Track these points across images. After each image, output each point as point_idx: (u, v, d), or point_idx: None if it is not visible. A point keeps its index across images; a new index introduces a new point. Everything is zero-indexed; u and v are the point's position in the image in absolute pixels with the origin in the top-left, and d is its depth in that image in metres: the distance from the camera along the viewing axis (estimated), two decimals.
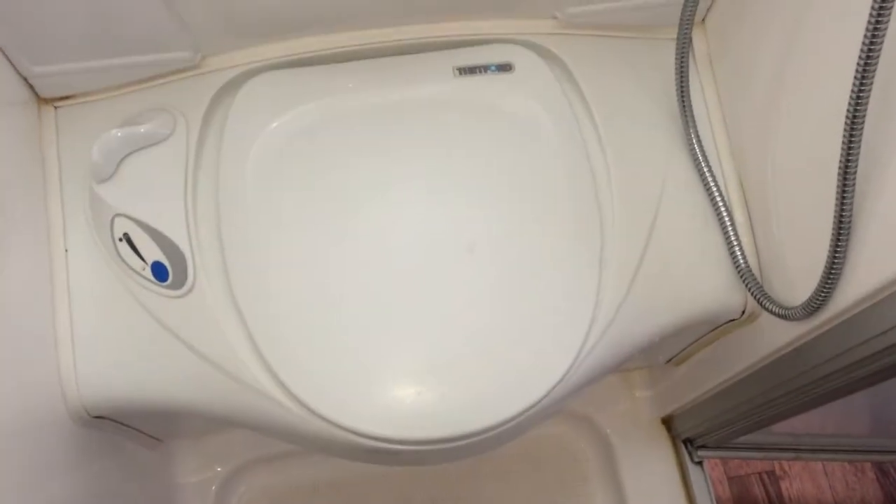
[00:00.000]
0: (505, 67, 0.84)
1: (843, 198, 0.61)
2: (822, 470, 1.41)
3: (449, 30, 0.86)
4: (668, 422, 1.23)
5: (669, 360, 1.12)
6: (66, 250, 0.79)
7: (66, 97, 0.82)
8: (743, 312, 0.85)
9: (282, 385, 0.72)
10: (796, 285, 0.75)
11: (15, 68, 0.77)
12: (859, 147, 0.59)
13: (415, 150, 0.81)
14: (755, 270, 0.81)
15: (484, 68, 0.84)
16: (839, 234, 0.63)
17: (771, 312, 0.76)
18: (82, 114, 0.82)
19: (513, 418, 0.71)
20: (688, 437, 1.20)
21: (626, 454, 1.23)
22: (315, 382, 0.72)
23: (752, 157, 0.81)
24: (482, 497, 1.27)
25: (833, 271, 0.65)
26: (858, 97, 0.57)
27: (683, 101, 0.84)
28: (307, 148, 0.80)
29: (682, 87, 0.83)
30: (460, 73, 0.83)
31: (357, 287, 0.75)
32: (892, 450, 1.23)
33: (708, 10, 0.88)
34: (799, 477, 1.40)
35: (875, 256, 0.62)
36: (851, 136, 0.58)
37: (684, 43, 0.81)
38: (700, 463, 1.20)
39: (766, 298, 0.77)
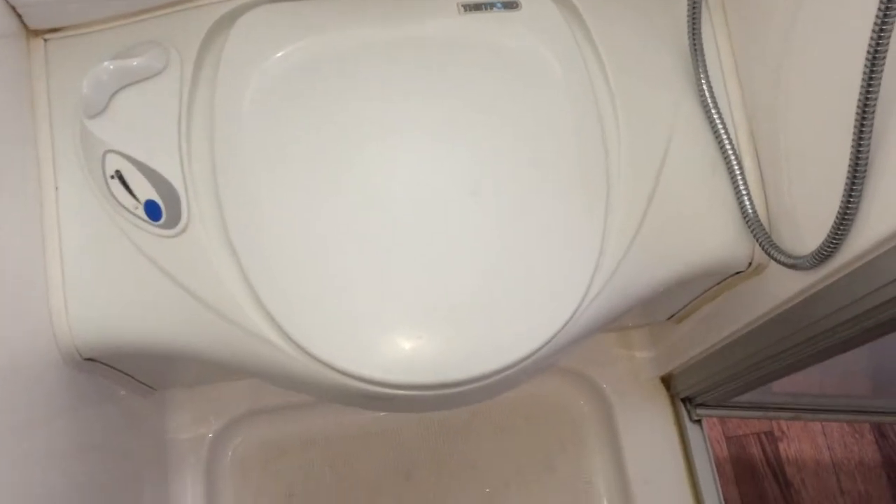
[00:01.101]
0: (511, 5, 0.81)
1: (861, 137, 0.59)
2: (820, 430, 1.41)
3: None
4: (667, 380, 1.23)
5: (671, 316, 1.11)
6: (57, 188, 0.77)
7: (57, 29, 0.79)
8: (750, 264, 0.83)
9: (277, 326, 0.70)
10: (805, 235, 0.74)
11: None
12: (879, 85, 0.57)
13: (417, 89, 0.78)
14: (763, 220, 0.79)
15: (490, 5, 0.81)
16: (854, 178, 0.61)
17: (779, 262, 0.74)
18: (73, 46, 0.79)
19: (512, 366, 0.70)
20: (687, 395, 1.19)
21: (624, 412, 1.22)
22: (311, 324, 0.70)
23: (764, 105, 0.79)
24: (480, 453, 1.26)
25: (847, 215, 0.63)
26: (879, 37, 0.54)
27: (695, 47, 0.81)
28: (305, 84, 0.77)
29: (693, 32, 0.80)
30: (465, 10, 0.81)
31: (356, 229, 0.74)
32: (892, 411, 1.23)
33: None
34: (797, 438, 1.40)
35: (889, 200, 0.61)
36: (871, 78, 0.56)
37: None
38: (699, 422, 1.20)
39: (773, 248, 0.75)
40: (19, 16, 0.76)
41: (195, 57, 0.77)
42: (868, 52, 0.55)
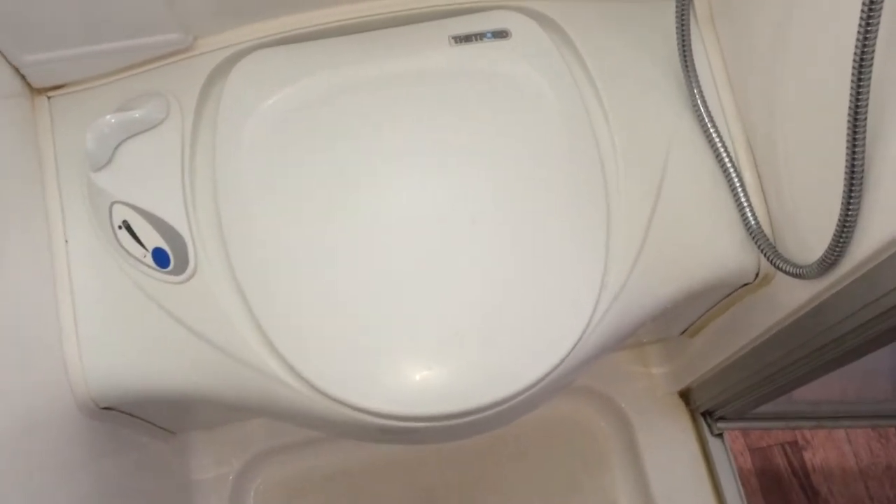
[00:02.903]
0: (501, 34, 0.82)
1: (854, 144, 0.59)
2: (844, 438, 1.38)
3: None
4: (685, 395, 1.22)
5: (683, 331, 1.10)
6: (66, 241, 0.78)
7: (59, 86, 0.81)
8: (756, 275, 0.83)
9: (289, 367, 0.71)
10: (810, 243, 0.74)
11: (6, 59, 0.76)
12: (868, 92, 0.57)
13: (413, 121, 0.80)
14: (767, 231, 0.79)
15: (480, 36, 0.82)
16: (851, 183, 0.61)
17: (785, 272, 0.74)
18: (76, 102, 0.81)
19: (523, 391, 0.70)
20: (706, 409, 1.18)
21: (645, 430, 1.21)
22: (322, 362, 0.71)
23: (759, 115, 0.79)
24: (502, 476, 1.26)
25: (847, 223, 0.63)
26: (865, 40, 0.55)
27: (686, 63, 0.82)
28: (303, 124, 0.79)
29: (683, 48, 0.81)
30: (456, 42, 0.82)
31: (360, 264, 0.74)
32: None
33: None
34: (822, 446, 1.38)
35: (889, 205, 0.61)
36: (860, 80, 0.56)
37: (684, 3, 0.79)
38: (720, 435, 1.18)
39: (779, 258, 0.75)
40: (22, 76, 0.79)
41: (195, 105, 0.79)
42: (855, 57, 0.55)
